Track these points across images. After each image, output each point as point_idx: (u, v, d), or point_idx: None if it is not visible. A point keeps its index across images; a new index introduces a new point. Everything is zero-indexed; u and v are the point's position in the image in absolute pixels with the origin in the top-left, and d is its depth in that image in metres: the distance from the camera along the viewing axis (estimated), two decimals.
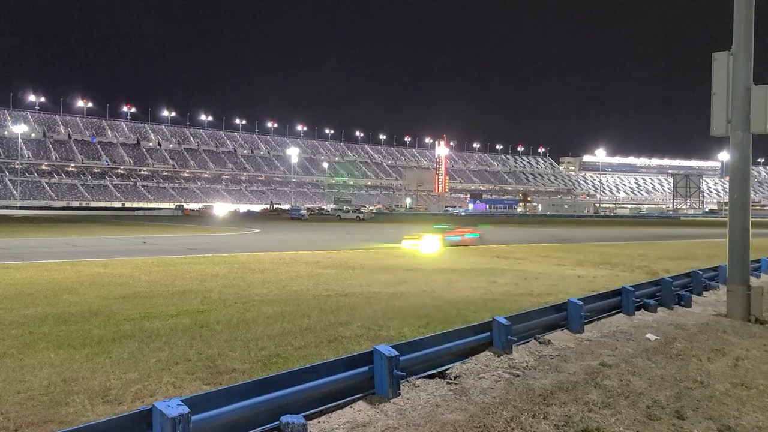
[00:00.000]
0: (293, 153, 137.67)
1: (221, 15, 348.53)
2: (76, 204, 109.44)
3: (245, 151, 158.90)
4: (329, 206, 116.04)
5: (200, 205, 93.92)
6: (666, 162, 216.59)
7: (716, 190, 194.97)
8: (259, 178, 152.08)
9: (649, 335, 7.89)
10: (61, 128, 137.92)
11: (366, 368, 5.12)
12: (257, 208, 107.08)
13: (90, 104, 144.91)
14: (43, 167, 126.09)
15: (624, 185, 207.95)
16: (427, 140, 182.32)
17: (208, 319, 8.38)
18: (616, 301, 9.26)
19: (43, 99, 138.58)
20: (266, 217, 78.34)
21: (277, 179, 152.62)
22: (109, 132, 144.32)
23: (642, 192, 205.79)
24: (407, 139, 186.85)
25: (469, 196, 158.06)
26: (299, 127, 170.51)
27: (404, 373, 5.29)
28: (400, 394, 5.18)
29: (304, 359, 6.19)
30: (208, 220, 59.32)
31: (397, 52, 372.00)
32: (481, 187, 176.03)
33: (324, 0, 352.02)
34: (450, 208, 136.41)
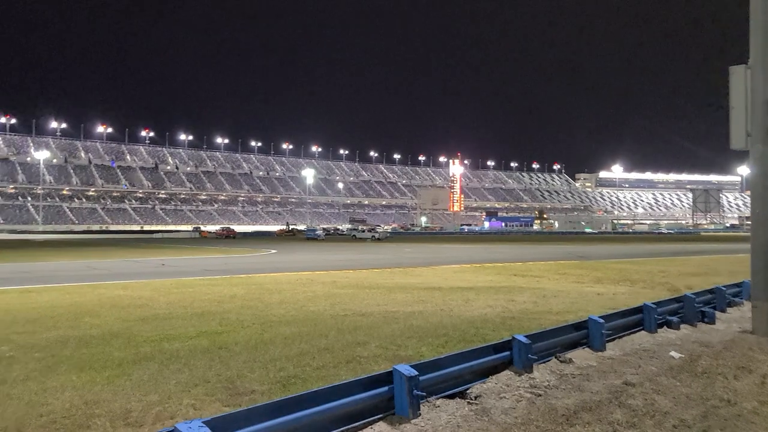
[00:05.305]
0: (308, 174, 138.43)
1: (237, 41, 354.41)
2: (96, 228, 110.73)
3: (261, 173, 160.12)
4: (345, 226, 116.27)
5: (218, 227, 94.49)
6: (684, 177, 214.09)
7: (737, 204, 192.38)
8: (275, 199, 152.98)
9: (672, 353, 7.75)
10: (82, 153, 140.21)
11: (386, 388, 5.08)
12: (274, 228, 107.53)
13: (110, 129, 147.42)
14: (65, 192, 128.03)
15: (642, 201, 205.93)
16: (442, 159, 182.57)
17: (227, 340, 8.40)
18: (638, 319, 9.12)
19: (64, 125, 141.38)
20: (282, 237, 78.68)
21: (293, 200, 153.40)
22: (128, 156, 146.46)
23: (660, 208, 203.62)
24: (421, 158, 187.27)
25: (484, 214, 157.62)
26: (314, 148, 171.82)
27: (424, 393, 5.24)
28: (420, 414, 5.13)
29: (323, 380, 6.16)
30: (226, 242, 59.65)
31: (411, 72, 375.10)
32: (496, 205, 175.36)
33: (336, 21, 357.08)
34: (465, 227, 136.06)
